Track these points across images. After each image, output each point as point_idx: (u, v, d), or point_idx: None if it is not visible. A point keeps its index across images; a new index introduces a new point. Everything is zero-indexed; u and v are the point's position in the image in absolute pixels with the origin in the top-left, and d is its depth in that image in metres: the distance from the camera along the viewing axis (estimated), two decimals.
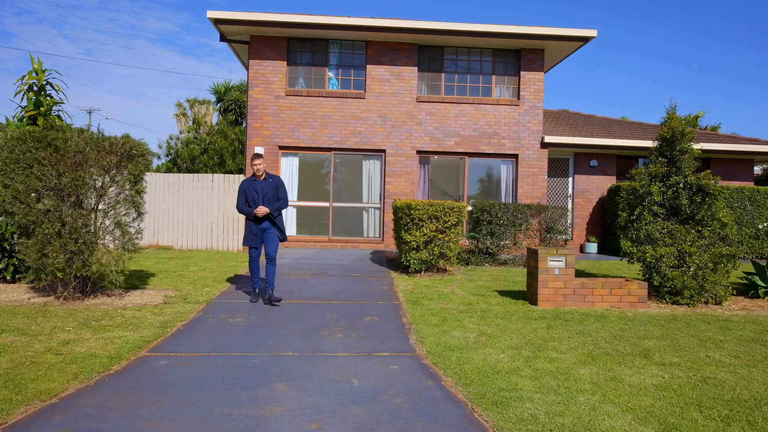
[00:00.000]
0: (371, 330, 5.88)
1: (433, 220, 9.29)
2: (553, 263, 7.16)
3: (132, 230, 7.05)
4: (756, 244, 13.46)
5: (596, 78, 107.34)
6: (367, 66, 13.35)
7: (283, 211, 7.48)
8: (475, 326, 6.07)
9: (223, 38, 13.33)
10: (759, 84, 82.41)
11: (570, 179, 14.74)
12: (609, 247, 14.06)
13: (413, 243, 9.27)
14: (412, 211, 9.28)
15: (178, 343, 5.22)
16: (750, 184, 14.52)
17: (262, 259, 7.78)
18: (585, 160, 14.61)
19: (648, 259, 7.46)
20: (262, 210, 6.83)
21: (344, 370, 4.58)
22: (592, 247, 14.10)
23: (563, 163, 14.73)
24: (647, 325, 6.34)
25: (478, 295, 7.85)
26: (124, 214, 7.00)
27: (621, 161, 14.81)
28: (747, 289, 8.21)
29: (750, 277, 8.14)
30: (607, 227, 14.25)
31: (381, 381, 4.34)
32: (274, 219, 7.01)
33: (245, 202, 6.98)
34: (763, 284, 7.98)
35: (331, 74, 13.49)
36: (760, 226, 13.12)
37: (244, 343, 5.31)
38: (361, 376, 4.45)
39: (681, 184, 7.75)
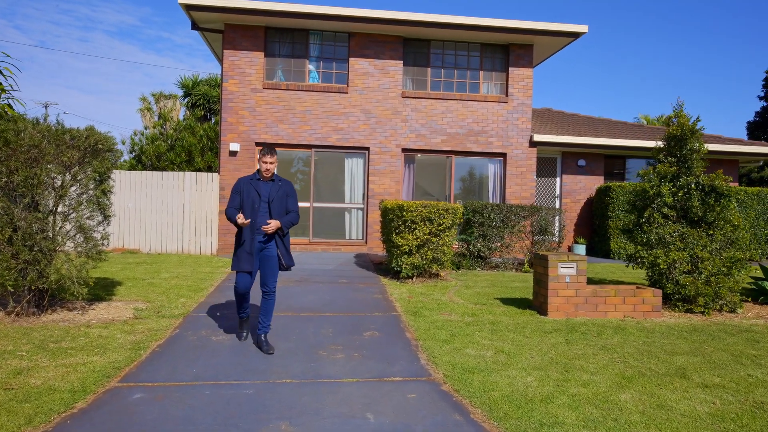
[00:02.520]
0: (375, 348, 5.23)
1: (427, 223, 8.68)
2: (564, 270, 6.66)
3: (97, 235, 6.20)
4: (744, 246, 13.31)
5: (570, 76, 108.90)
6: (350, 59, 12.65)
7: None
8: (489, 342, 5.49)
9: (195, 26, 12.42)
10: (730, 83, 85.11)
11: (557, 179, 14.36)
12: (597, 249, 13.74)
13: (405, 247, 8.64)
14: (404, 213, 8.65)
15: (154, 370, 4.46)
16: (735, 185, 14.44)
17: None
18: (573, 159, 14.26)
19: (661, 265, 7.03)
20: (273, 225, 4.86)
21: (355, 401, 3.93)
22: (580, 249, 13.75)
23: (551, 162, 14.35)
24: (670, 337, 5.88)
25: (479, 304, 7.29)
26: (88, 217, 6.15)
27: (609, 161, 14.53)
28: (756, 295, 7.89)
29: (759, 282, 7.82)
30: (596, 228, 13.92)
31: (401, 415, 3.70)
32: (282, 237, 5.08)
33: (238, 206, 4.99)
34: None
35: (311, 67, 12.73)
36: None
37: (233, 367, 4.59)
38: (376, 408, 3.80)
39: (692, 185, 7.35)
